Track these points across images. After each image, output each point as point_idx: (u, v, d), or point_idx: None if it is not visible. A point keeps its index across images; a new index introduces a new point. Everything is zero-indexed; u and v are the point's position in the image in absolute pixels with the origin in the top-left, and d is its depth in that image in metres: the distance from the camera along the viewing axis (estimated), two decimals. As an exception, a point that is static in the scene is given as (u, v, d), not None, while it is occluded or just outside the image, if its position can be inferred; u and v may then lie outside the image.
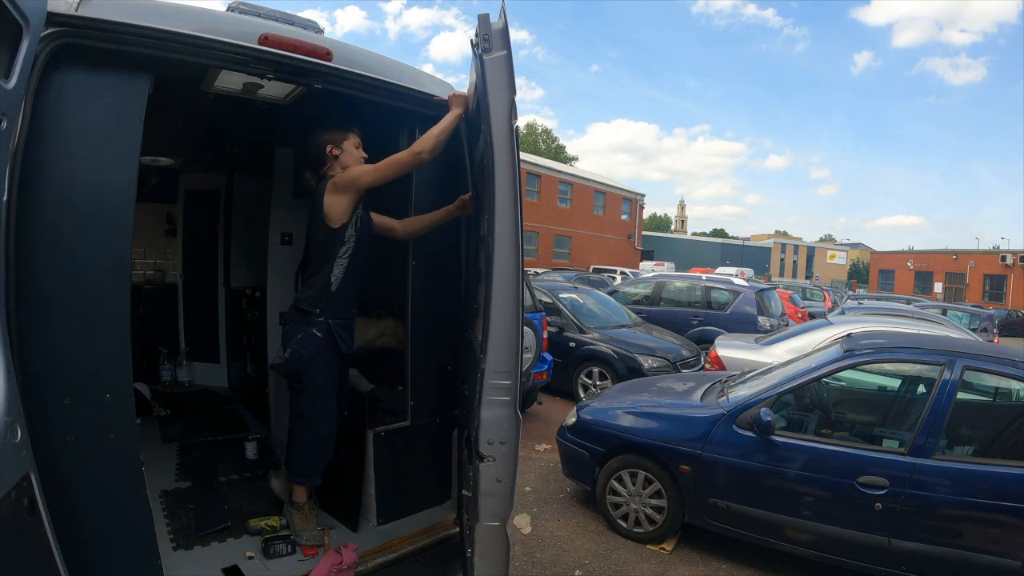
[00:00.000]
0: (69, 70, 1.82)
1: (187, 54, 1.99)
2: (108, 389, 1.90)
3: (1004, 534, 3.08)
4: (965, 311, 16.31)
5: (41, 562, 1.45)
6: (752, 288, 10.60)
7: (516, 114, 1.95)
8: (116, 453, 1.92)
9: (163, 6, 1.96)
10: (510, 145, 1.95)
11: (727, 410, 3.82)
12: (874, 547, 3.27)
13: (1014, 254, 32.14)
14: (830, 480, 3.41)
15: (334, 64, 2.28)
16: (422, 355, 2.85)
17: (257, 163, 4.76)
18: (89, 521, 1.84)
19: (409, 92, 2.52)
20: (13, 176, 1.64)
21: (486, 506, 2.14)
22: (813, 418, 3.98)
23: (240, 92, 2.85)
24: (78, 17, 1.74)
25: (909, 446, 3.29)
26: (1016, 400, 3.80)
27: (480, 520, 2.14)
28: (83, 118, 1.86)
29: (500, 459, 2.10)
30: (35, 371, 1.72)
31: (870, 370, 4.42)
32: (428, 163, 2.35)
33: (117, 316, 1.92)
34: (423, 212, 2.76)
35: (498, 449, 2.09)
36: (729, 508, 3.66)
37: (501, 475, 2.12)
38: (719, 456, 3.68)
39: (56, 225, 1.80)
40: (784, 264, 56.76)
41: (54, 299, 1.80)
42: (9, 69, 1.43)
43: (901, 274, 37.78)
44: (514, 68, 1.95)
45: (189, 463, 3.84)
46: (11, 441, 1.32)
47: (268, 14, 2.23)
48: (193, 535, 2.90)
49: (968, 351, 3.66)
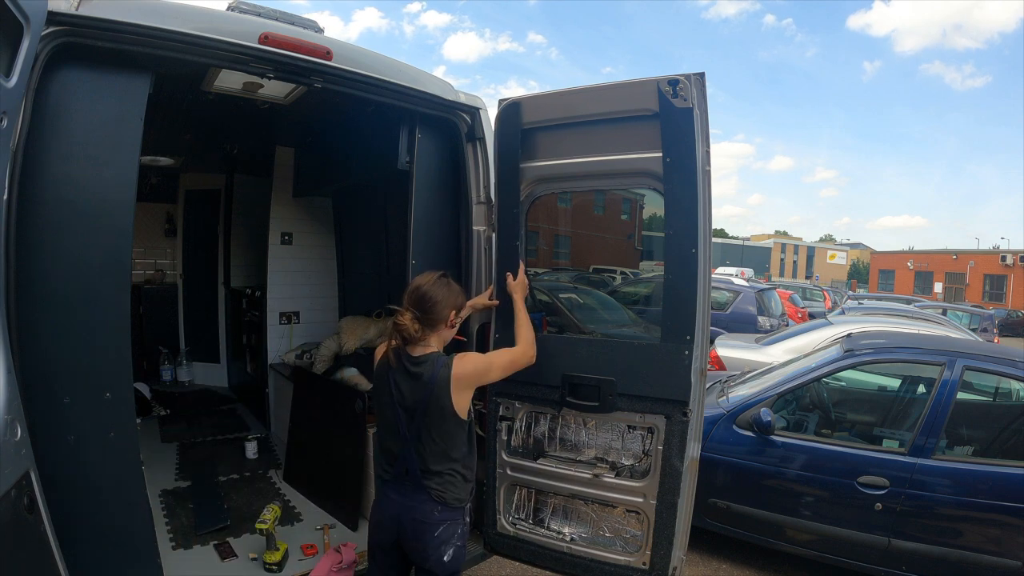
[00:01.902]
0: (70, 69, 1.82)
1: (187, 53, 1.99)
2: (108, 388, 1.90)
3: (1004, 534, 3.08)
4: (965, 311, 16.29)
5: (41, 560, 1.45)
6: (752, 288, 10.61)
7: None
8: (116, 452, 1.92)
9: (163, 5, 1.96)
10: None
11: (727, 410, 3.82)
12: (874, 547, 3.27)
13: (1014, 254, 32.14)
14: (830, 480, 3.41)
15: (334, 63, 2.28)
16: None
17: (257, 163, 4.77)
18: (89, 520, 1.84)
19: (409, 91, 2.52)
20: (13, 175, 1.64)
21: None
22: (813, 418, 3.98)
23: (240, 91, 2.85)
24: (79, 16, 1.74)
25: (909, 446, 3.29)
26: (1016, 400, 3.80)
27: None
28: (83, 117, 1.86)
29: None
30: (35, 370, 1.72)
31: (870, 370, 4.42)
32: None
33: (117, 316, 1.92)
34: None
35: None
36: (729, 508, 3.66)
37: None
38: (719, 456, 3.68)
39: (56, 224, 1.81)
40: (784, 264, 56.80)
41: (54, 298, 1.80)
42: (10, 68, 1.43)
43: (901, 274, 37.79)
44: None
45: (189, 462, 3.85)
46: (11, 439, 1.32)
47: (268, 13, 2.23)
48: (193, 534, 2.91)
49: (968, 351, 3.66)
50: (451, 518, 1.98)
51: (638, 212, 3.34)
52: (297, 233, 4.68)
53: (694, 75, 2.13)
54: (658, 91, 2.16)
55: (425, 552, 1.96)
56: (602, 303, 3.53)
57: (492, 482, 2.61)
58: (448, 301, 2.03)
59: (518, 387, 2.53)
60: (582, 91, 2.41)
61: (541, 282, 3.08)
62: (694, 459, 2.27)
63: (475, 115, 2.72)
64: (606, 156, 2.37)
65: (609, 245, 3.69)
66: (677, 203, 2.19)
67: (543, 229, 2.91)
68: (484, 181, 2.73)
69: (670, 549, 2.29)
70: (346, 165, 3.74)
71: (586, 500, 2.49)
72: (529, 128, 2.49)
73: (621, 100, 2.30)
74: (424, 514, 1.95)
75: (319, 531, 2.95)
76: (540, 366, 2.39)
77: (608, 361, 2.37)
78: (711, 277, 2.24)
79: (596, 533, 2.49)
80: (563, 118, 2.43)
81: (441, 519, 1.96)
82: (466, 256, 2.78)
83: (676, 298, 2.22)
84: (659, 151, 2.21)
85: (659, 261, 2.40)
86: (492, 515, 2.63)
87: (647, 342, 2.43)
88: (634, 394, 2.31)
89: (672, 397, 2.24)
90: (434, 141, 2.78)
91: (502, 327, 2.51)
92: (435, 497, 1.95)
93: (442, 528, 1.96)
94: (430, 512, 1.95)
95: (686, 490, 2.27)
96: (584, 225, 3.28)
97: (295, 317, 4.64)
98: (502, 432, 2.59)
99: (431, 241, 2.80)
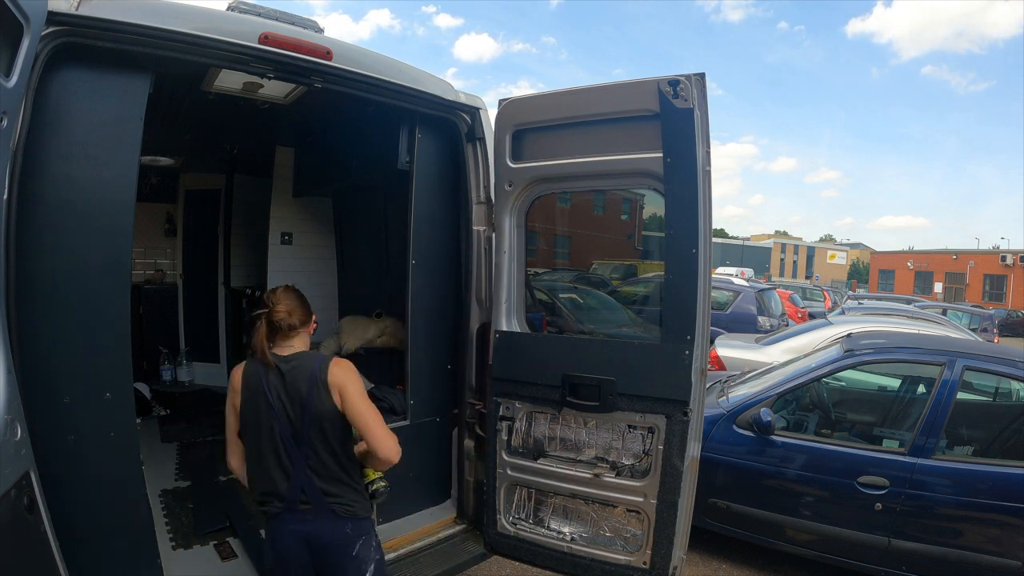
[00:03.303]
0: (70, 69, 1.82)
1: (187, 53, 2.00)
2: (108, 388, 1.90)
3: (1004, 534, 3.08)
4: (965, 311, 16.29)
5: (40, 560, 1.45)
6: (752, 288, 10.61)
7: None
8: (116, 452, 1.92)
9: (163, 5, 1.96)
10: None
11: (727, 410, 3.82)
12: (874, 547, 3.27)
13: (1014, 254, 32.13)
14: (830, 480, 3.41)
15: (334, 63, 2.28)
16: (422, 355, 2.85)
17: (257, 163, 4.77)
18: (88, 520, 1.84)
19: (409, 91, 2.52)
20: (13, 175, 1.64)
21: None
22: (813, 418, 3.98)
23: (240, 91, 2.85)
24: (79, 16, 1.75)
25: (909, 446, 3.29)
26: (1016, 400, 3.80)
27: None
28: (83, 117, 1.86)
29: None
30: (35, 370, 1.72)
31: (870, 370, 4.42)
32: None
33: (117, 316, 1.93)
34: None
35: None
36: (729, 508, 3.65)
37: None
38: (719, 456, 3.68)
39: (56, 224, 1.81)
40: (784, 264, 56.79)
41: (54, 298, 1.80)
42: (10, 68, 1.43)
43: (901, 274, 37.78)
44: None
45: (189, 462, 3.84)
46: (11, 439, 1.32)
47: (268, 13, 2.23)
48: (193, 534, 2.90)
49: (968, 351, 3.66)
50: (364, 531, 1.86)
51: (638, 212, 3.34)
52: (297, 233, 4.68)
53: (694, 75, 2.13)
54: (659, 91, 2.16)
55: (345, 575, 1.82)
56: (602, 303, 3.53)
57: (492, 482, 2.61)
58: (310, 310, 1.93)
59: (519, 387, 2.53)
60: (583, 91, 2.41)
61: (541, 282, 3.08)
62: (694, 459, 2.27)
63: (475, 115, 2.72)
64: (607, 156, 2.37)
65: (609, 245, 3.69)
66: (677, 203, 2.19)
67: (543, 229, 2.92)
68: (484, 181, 2.73)
69: (670, 549, 2.29)
70: (346, 165, 3.74)
71: (586, 500, 2.48)
72: (530, 128, 2.49)
73: (622, 100, 2.30)
74: (335, 536, 1.80)
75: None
76: (541, 366, 2.39)
77: (608, 361, 2.37)
78: (711, 277, 2.24)
79: (596, 533, 2.49)
80: (564, 118, 2.43)
81: (355, 535, 1.82)
82: (466, 256, 2.78)
83: (676, 298, 2.22)
84: (660, 151, 2.21)
85: (659, 261, 2.40)
86: (492, 515, 2.63)
87: (647, 342, 2.43)
88: (634, 394, 2.31)
89: (672, 397, 2.24)
90: (434, 141, 2.78)
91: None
92: (341, 513, 1.80)
93: (359, 546, 1.82)
94: (341, 531, 1.80)
95: (686, 490, 2.27)
96: (584, 225, 3.28)
97: None
98: (502, 432, 2.59)
99: (431, 241, 2.80)
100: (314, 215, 4.75)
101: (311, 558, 1.81)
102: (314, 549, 1.80)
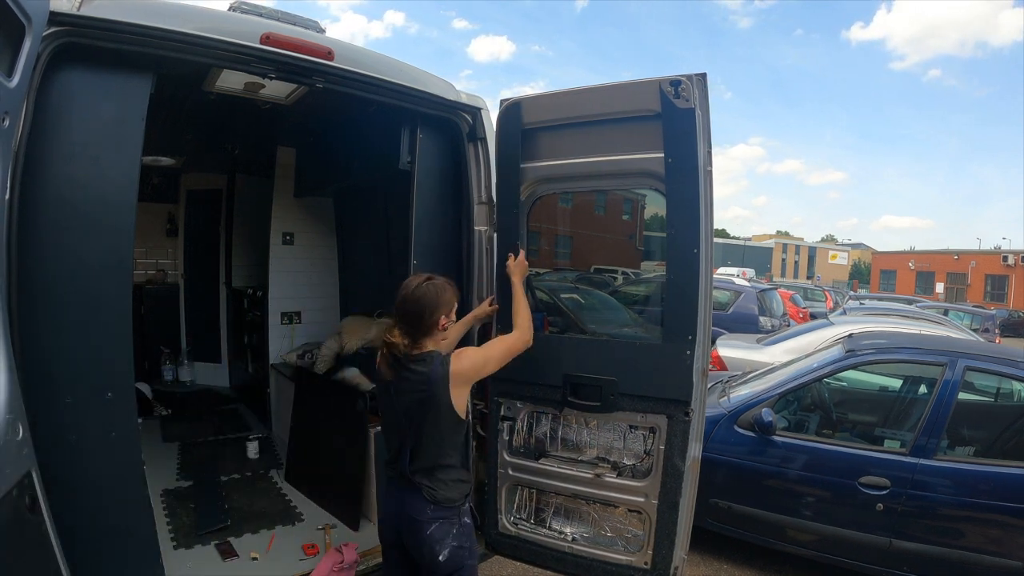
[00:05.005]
0: (71, 69, 1.82)
1: (189, 53, 1.99)
2: (110, 388, 1.90)
3: (1005, 535, 3.08)
4: (966, 311, 16.26)
5: (42, 560, 1.45)
6: (754, 288, 10.60)
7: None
8: (117, 452, 1.92)
9: (165, 5, 1.96)
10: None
11: (728, 410, 3.82)
12: (876, 548, 3.27)
13: (1015, 254, 32.08)
14: (831, 480, 3.40)
15: (336, 63, 2.28)
16: None
17: (258, 163, 4.78)
18: (90, 520, 1.85)
19: (411, 91, 2.52)
20: (15, 175, 1.64)
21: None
22: (814, 418, 3.97)
23: (242, 92, 2.86)
24: (80, 16, 1.75)
25: (911, 446, 3.29)
26: (1018, 400, 3.79)
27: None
28: (85, 117, 1.86)
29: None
30: (37, 369, 1.72)
31: (871, 370, 4.41)
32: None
33: (119, 315, 1.93)
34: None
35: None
36: (730, 508, 3.65)
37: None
38: (720, 456, 3.67)
39: (58, 224, 1.81)
40: (785, 264, 56.75)
41: (56, 298, 1.80)
42: (11, 68, 1.43)
43: (902, 274, 37.74)
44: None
45: (190, 462, 3.85)
46: (12, 439, 1.32)
47: (270, 13, 2.23)
48: (194, 534, 2.91)
49: (969, 351, 3.65)
50: (443, 517, 1.96)
51: (639, 212, 3.34)
52: (299, 233, 4.68)
53: (696, 75, 2.13)
54: (660, 91, 2.16)
55: (420, 550, 1.96)
56: (604, 303, 3.53)
57: (493, 482, 2.61)
58: (434, 307, 1.96)
59: (520, 387, 2.53)
60: (584, 91, 2.41)
61: (543, 282, 3.08)
62: (696, 459, 2.27)
63: (476, 115, 2.72)
64: (608, 156, 2.37)
65: (610, 245, 3.68)
66: (679, 203, 2.19)
67: (544, 229, 2.92)
68: (486, 181, 2.73)
69: (672, 549, 2.29)
70: (347, 165, 3.74)
71: (588, 500, 2.48)
72: (531, 128, 2.49)
73: (623, 100, 2.30)
74: (416, 511, 1.95)
75: (320, 531, 2.95)
76: (542, 366, 2.39)
77: (610, 361, 2.37)
78: (712, 277, 2.24)
79: (598, 533, 2.49)
80: (565, 118, 2.43)
81: (433, 517, 1.95)
82: (468, 256, 2.78)
83: (678, 298, 2.22)
84: (661, 151, 2.21)
85: (661, 261, 2.40)
86: (493, 515, 2.63)
87: (649, 342, 2.42)
88: (636, 394, 2.31)
89: (674, 397, 2.24)
90: (435, 141, 2.78)
91: (504, 326, 2.51)
92: (426, 496, 1.95)
93: (435, 527, 1.94)
94: (422, 510, 1.95)
95: (688, 490, 2.26)
96: (585, 225, 3.28)
97: (296, 317, 4.65)
98: (504, 432, 2.59)
99: (432, 241, 2.80)
100: (315, 215, 4.76)
101: (398, 525, 2.02)
102: (402, 519, 2.00)
